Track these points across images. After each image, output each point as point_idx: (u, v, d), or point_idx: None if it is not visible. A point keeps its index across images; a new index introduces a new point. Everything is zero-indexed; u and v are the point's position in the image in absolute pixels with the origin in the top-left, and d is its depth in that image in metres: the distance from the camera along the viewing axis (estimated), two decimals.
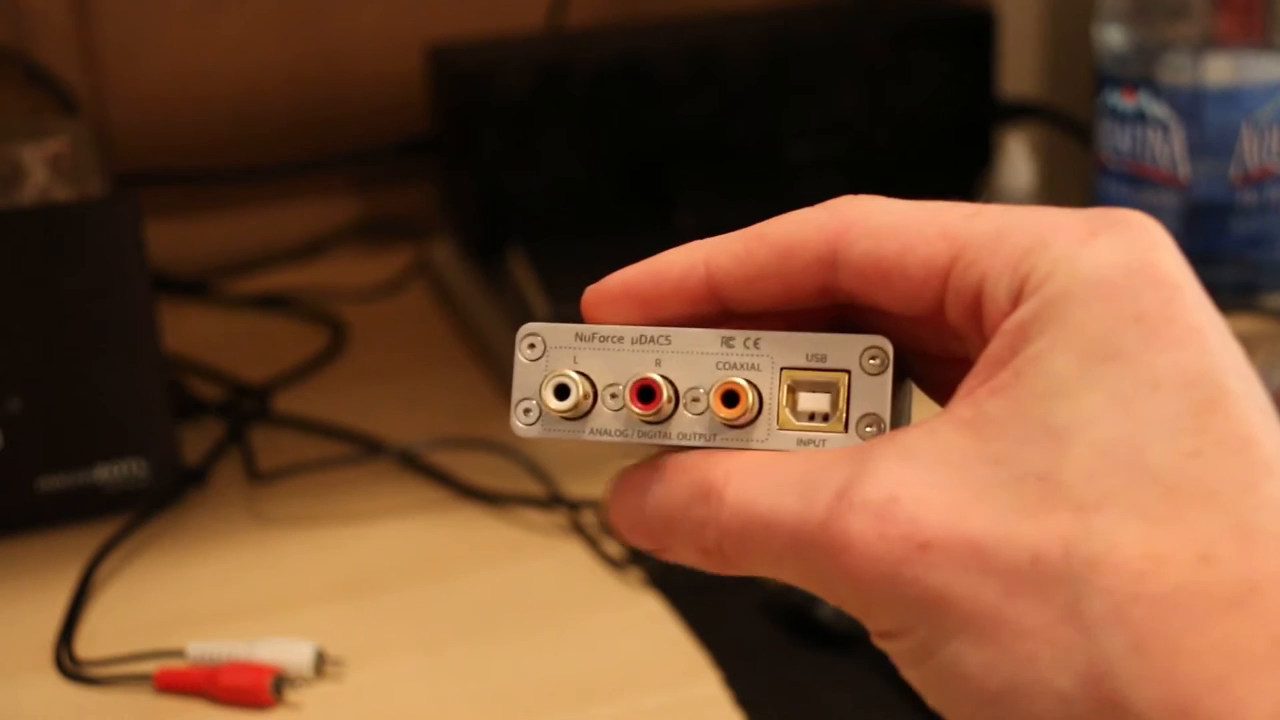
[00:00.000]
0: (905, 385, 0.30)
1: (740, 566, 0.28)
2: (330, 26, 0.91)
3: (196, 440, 0.67)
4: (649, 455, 0.30)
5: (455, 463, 0.65)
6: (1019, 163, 0.91)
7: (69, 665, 0.52)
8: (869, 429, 0.28)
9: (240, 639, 0.52)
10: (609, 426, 0.29)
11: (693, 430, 0.29)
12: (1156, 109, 0.69)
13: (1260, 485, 0.23)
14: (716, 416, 0.28)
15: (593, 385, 0.29)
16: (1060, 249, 0.25)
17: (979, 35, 0.83)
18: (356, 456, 0.66)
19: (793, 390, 0.28)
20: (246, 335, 0.82)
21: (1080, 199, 0.81)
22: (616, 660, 0.52)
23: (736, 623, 0.53)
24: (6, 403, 0.59)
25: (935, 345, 0.29)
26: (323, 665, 0.51)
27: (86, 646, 0.54)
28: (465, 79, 0.77)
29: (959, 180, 0.85)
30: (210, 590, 0.58)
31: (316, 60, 0.91)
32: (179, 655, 0.52)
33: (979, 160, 0.86)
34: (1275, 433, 0.24)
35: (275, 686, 0.50)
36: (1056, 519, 0.23)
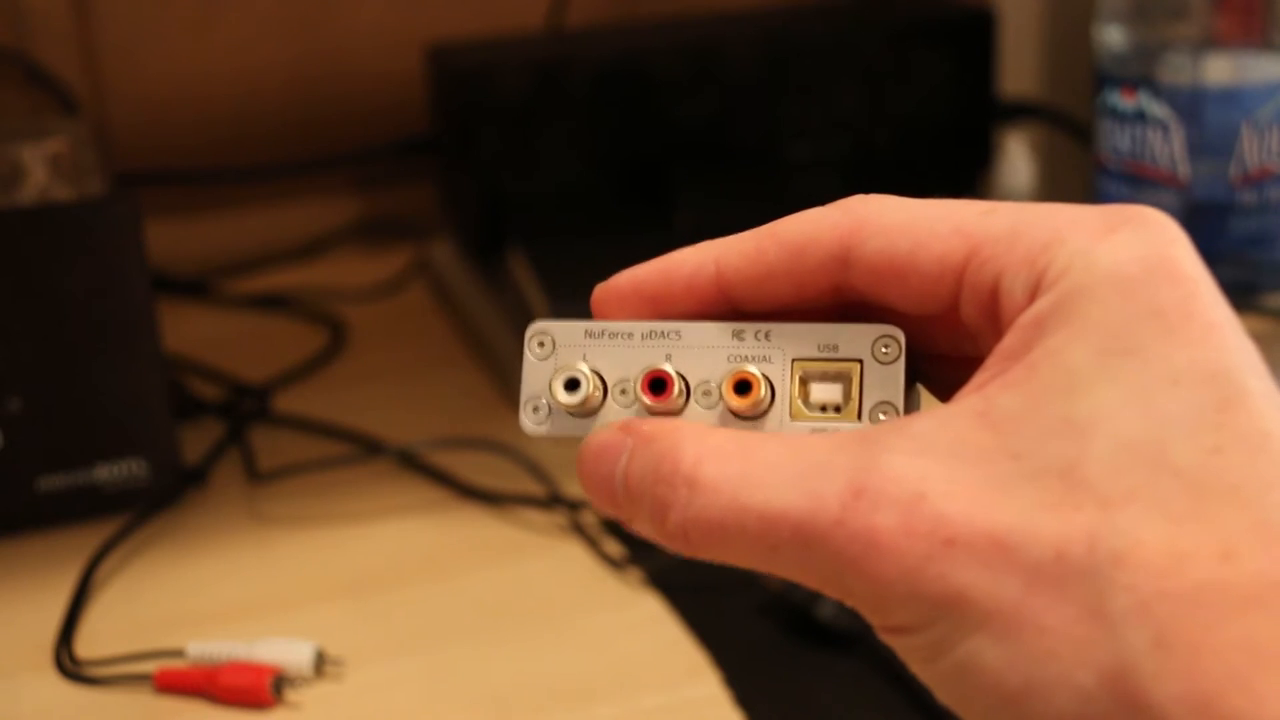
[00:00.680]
0: (914, 389, 0.30)
1: (708, 554, 0.27)
2: (330, 26, 0.91)
3: (196, 440, 0.67)
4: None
5: (455, 463, 0.65)
6: (1019, 163, 0.90)
7: (69, 665, 0.52)
8: (883, 417, 0.27)
9: (240, 639, 0.52)
10: None
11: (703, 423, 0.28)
12: (1156, 109, 0.69)
13: None
14: (728, 407, 0.28)
15: (602, 381, 0.29)
16: (1077, 244, 0.25)
17: (979, 35, 0.83)
18: (356, 456, 0.66)
19: (805, 381, 0.28)
20: (246, 335, 0.82)
21: (1080, 199, 0.80)
22: (616, 660, 0.52)
23: (736, 623, 0.53)
24: (6, 403, 0.59)
25: (946, 344, 0.29)
26: (323, 665, 0.51)
27: (86, 646, 0.54)
28: (465, 79, 0.77)
29: (959, 180, 0.85)
30: (210, 590, 0.58)
31: (317, 60, 0.91)
32: (179, 655, 0.52)
33: (979, 160, 0.86)
34: None
35: (275, 686, 0.50)
36: (1080, 515, 0.23)
